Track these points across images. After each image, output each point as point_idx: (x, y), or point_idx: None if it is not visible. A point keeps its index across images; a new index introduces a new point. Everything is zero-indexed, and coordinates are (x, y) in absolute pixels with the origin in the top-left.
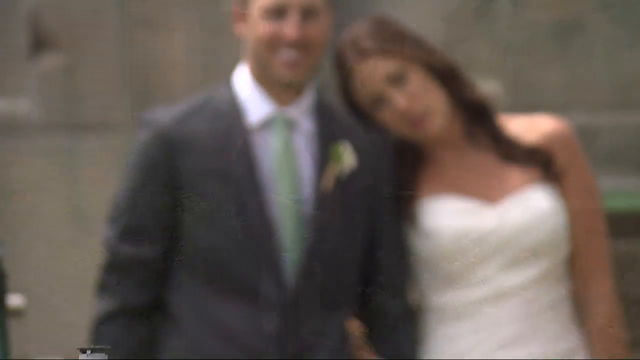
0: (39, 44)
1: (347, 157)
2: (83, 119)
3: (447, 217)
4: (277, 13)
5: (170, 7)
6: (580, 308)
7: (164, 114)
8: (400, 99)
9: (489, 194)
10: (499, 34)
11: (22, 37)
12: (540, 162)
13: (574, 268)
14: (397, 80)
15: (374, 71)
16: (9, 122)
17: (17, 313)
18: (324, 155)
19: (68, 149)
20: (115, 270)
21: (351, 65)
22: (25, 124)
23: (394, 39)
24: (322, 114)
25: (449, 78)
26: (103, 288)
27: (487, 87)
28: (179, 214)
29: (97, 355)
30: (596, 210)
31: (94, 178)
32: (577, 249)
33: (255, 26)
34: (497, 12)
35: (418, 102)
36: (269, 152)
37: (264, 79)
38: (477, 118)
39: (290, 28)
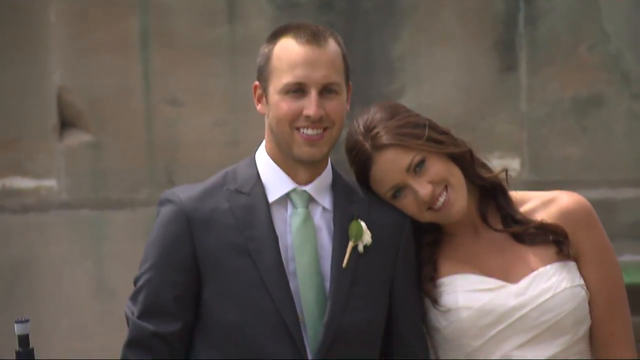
0: (66, 123)
1: (364, 234)
2: (109, 196)
3: (468, 296)
4: (297, 91)
5: (195, 84)
6: None
7: (185, 191)
8: (423, 189)
9: (507, 273)
10: (519, 109)
11: (50, 117)
12: (555, 240)
13: (596, 343)
14: (417, 168)
15: (394, 162)
16: (36, 200)
17: None
18: (342, 232)
19: (94, 225)
20: (137, 347)
21: (370, 156)
22: (52, 201)
23: (410, 129)
24: (339, 191)
25: (463, 159)
26: None
27: (507, 162)
28: (200, 289)
29: None
30: (617, 285)
31: (119, 254)
32: (598, 324)
33: (275, 105)
34: (517, 88)
35: (440, 186)
36: (289, 228)
37: (284, 157)
38: (490, 197)
39: (310, 106)
